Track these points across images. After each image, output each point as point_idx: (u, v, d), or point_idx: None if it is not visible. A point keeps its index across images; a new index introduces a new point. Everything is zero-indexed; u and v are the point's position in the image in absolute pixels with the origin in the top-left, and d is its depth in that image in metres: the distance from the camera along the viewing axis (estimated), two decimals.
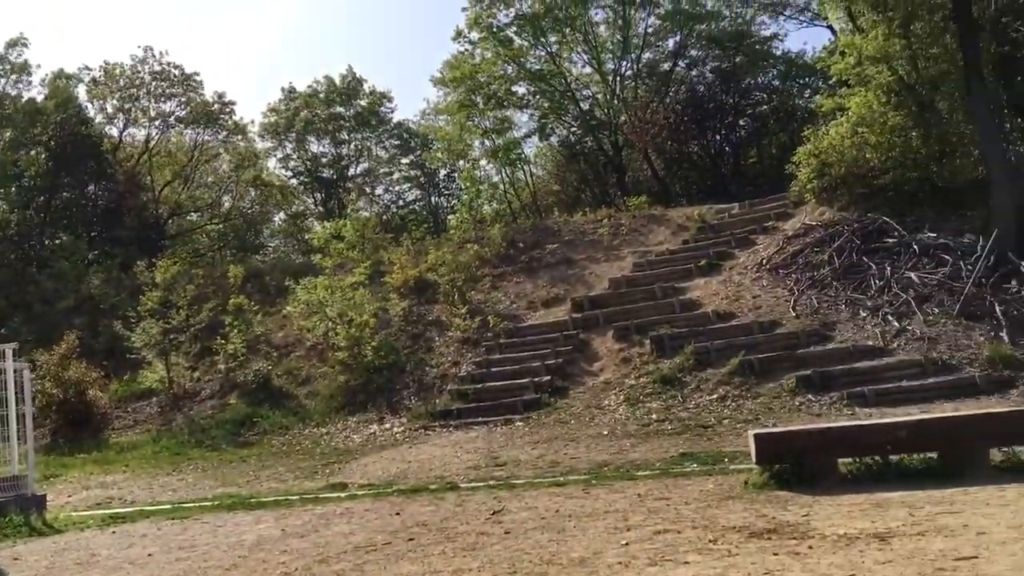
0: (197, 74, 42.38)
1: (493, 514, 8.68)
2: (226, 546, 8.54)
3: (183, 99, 40.36)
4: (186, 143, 42.38)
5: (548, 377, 18.23)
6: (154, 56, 39.63)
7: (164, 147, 42.32)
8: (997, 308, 16.02)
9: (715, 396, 15.79)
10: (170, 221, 41.88)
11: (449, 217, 37.46)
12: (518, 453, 13.76)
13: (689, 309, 19.47)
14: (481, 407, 17.95)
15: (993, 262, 17.29)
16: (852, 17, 22.19)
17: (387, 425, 18.15)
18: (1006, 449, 8.67)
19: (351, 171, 46.80)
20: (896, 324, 16.45)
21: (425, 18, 77.29)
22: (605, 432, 14.87)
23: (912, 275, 17.66)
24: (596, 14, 36.02)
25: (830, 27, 28.31)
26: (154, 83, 39.71)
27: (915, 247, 18.48)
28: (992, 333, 15.53)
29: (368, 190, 46.84)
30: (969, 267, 17.27)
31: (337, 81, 45.42)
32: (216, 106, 41.23)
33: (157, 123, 40.71)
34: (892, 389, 14.61)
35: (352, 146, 46.59)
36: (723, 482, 9.51)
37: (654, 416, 15.36)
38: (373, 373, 20.23)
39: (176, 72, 39.89)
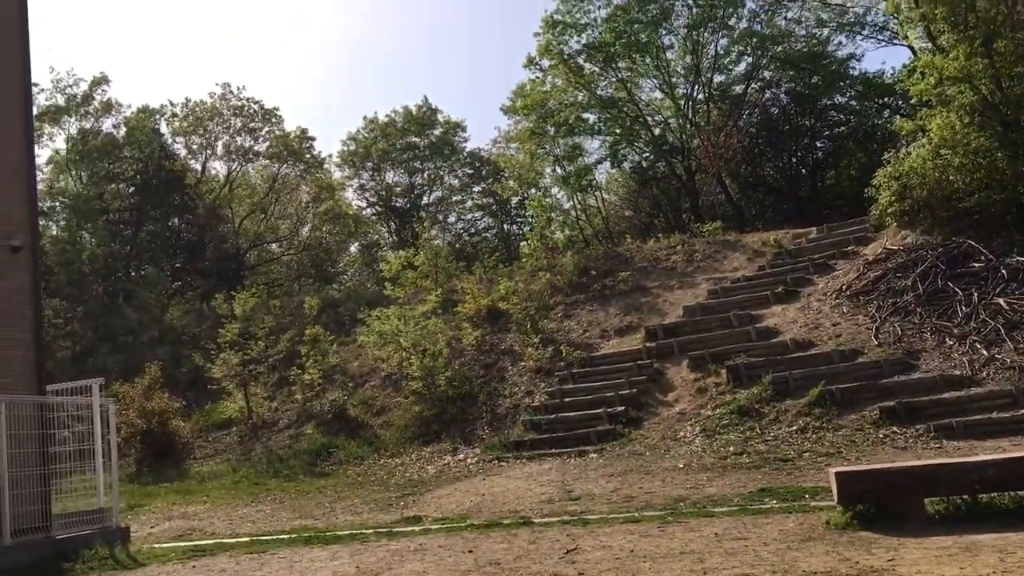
0: (277, 109, 44.09)
1: (567, 553, 8.57)
2: None
3: (263, 133, 41.65)
4: (266, 175, 43.61)
5: (622, 407, 18.02)
6: (232, 92, 41.08)
7: (244, 179, 43.63)
8: None
9: (794, 428, 15.38)
10: (249, 252, 42.98)
11: (521, 245, 37.54)
12: (592, 486, 13.60)
13: (766, 337, 19.06)
14: (555, 438, 17.86)
15: None
16: (931, 36, 21.58)
17: (461, 456, 18.18)
18: None
19: (424, 200, 47.42)
20: (985, 352, 15.81)
21: (502, 45, 78.03)
22: (681, 465, 14.60)
23: (1001, 301, 16.97)
24: (666, 39, 35.79)
25: (909, 47, 27.58)
26: (234, 118, 41.04)
27: (1003, 271, 17.76)
28: None
29: (440, 219, 47.31)
30: None
31: (413, 111, 46.11)
32: (296, 141, 42.40)
33: (237, 157, 42.04)
34: (981, 421, 14.05)
35: (425, 175, 47.23)
36: (804, 521, 9.21)
37: (731, 448, 15.02)
38: (446, 403, 20.31)
39: (256, 107, 41.24)
